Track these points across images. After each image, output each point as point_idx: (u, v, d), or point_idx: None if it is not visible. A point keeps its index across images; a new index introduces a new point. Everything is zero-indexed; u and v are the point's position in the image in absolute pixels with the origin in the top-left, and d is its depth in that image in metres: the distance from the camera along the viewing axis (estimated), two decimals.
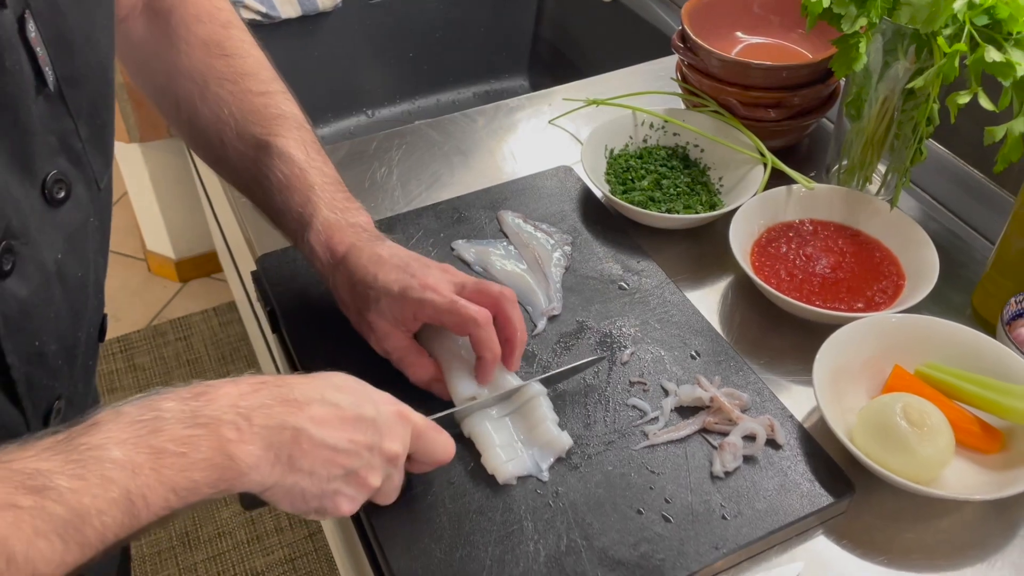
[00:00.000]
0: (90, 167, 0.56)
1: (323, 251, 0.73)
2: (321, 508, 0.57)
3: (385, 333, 0.72)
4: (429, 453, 0.64)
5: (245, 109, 0.74)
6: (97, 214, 0.57)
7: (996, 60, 0.72)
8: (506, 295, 0.72)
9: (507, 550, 0.66)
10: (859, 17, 0.79)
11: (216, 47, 0.75)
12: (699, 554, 0.65)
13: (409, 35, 1.46)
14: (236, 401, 0.52)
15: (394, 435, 0.60)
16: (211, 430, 0.50)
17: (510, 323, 0.72)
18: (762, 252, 0.88)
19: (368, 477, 0.58)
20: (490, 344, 0.71)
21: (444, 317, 0.70)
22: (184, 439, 0.48)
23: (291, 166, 0.73)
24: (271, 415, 0.53)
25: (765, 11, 1.05)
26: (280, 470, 0.53)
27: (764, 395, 0.76)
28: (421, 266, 0.72)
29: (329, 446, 0.55)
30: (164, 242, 2.27)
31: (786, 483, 0.70)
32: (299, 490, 0.55)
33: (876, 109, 0.86)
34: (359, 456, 0.57)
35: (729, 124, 0.98)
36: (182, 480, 0.48)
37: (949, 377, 0.75)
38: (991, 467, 0.71)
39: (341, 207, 0.75)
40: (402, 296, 0.70)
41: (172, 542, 1.81)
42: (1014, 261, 0.81)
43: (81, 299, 0.57)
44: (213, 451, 0.49)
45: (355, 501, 0.59)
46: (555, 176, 0.99)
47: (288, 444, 0.53)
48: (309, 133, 0.77)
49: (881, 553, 0.69)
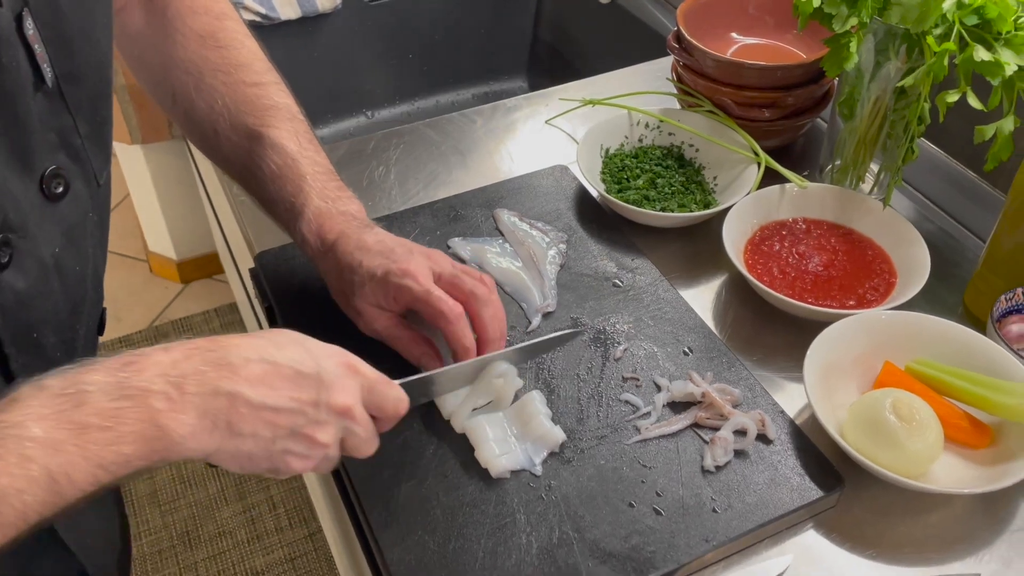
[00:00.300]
0: (89, 163, 0.57)
1: (314, 239, 0.73)
2: (272, 468, 0.56)
3: (372, 316, 0.73)
4: (380, 407, 0.62)
5: (238, 100, 0.75)
6: (96, 209, 0.58)
7: (984, 59, 0.73)
8: (478, 294, 0.72)
9: (500, 542, 0.66)
10: (850, 17, 0.79)
11: (211, 39, 0.76)
12: (689, 546, 0.66)
13: (409, 36, 1.47)
14: (166, 370, 0.50)
15: (341, 388, 0.58)
16: (139, 401, 0.48)
17: (479, 321, 0.72)
18: (755, 250, 0.89)
19: (316, 434, 0.56)
20: (460, 339, 0.71)
21: (419, 305, 0.71)
22: (110, 412, 0.47)
23: (283, 156, 0.74)
24: (204, 381, 0.51)
25: (760, 12, 1.06)
26: (219, 436, 0.52)
27: (756, 391, 0.77)
28: (405, 252, 0.72)
29: (269, 407, 0.53)
30: (166, 243, 2.29)
31: (776, 477, 0.71)
32: (244, 453, 0.53)
33: (868, 109, 0.87)
34: (303, 413, 0.55)
35: (723, 124, 0.99)
36: (110, 454, 0.47)
37: (939, 373, 0.75)
38: (980, 462, 0.72)
39: (332, 196, 0.75)
40: (384, 280, 0.71)
41: (173, 541, 1.82)
42: (1004, 259, 0.82)
43: (79, 292, 0.58)
44: (142, 423, 0.48)
45: (307, 459, 0.57)
46: (551, 175, 1.00)
47: (225, 410, 0.52)
48: (302, 124, 0.78)
49: (870, 547, 0.69)
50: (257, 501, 1.89)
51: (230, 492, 1.91)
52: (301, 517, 1.86)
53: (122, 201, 2.57)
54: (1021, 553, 0.69)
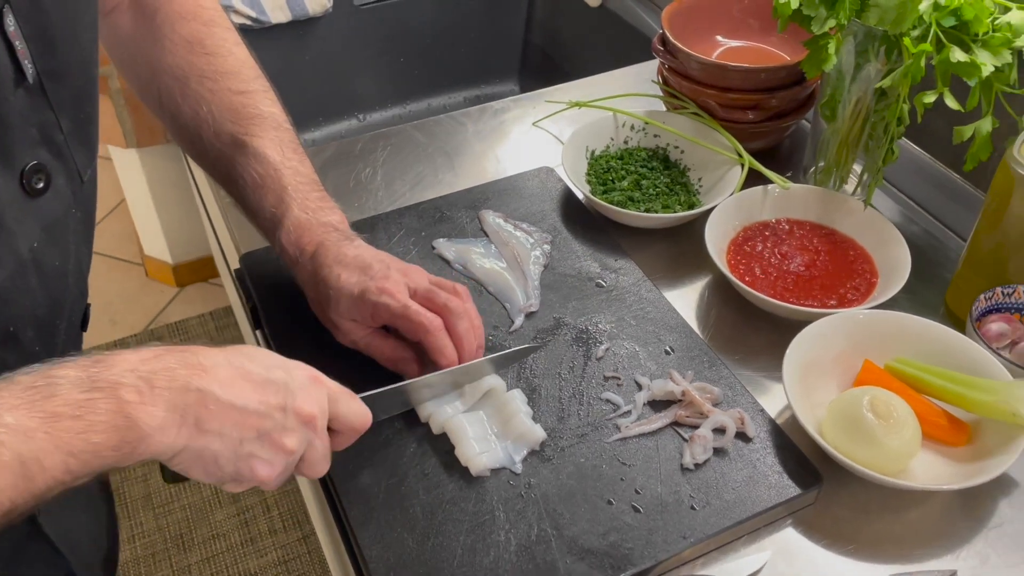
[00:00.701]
0: (72, 160, 0.57)
1: (293, 250, 0.74)
2: (237, 473, 0.56)
3: (348, 329, 0.74)
4: (345, 419, 0.62)
5: (223, 107, 0.76)
6: (80, 206, 0.59)
7: (961, 60, 0.74)
8: (451, 307, 0.72)
9: (478, 539, 0.67)
10: (828, 18, 0.80)
11: (198, 45, 0.77)
12: (667, 543, 0.66)
13: (400, 40, 1.47)
14: (136, 366, 0.51)
15: (308, 397, 0.58)
16: (109, 393, 0.49)
17: (454, 333, 0.72)
18: (738, 251, 0.89)
19: (283, 439, 0.57)
20: (441, 349, 0.71)
21: (397, 321, 0.71)
22: (80, 403, 0.48)
23: (266, 166, 0.75)
24: (174, 377, 0.52)
25: (744, 15, 1.07)
26: (187, 432, 0.52)
27: (736, 390, 0.77)
28: (382, 268, 0.73)
29: (238, 407, 0.54)
30: (161, 247, 2.29)
31: (755, 475, 0.71)
32: (211, 453, 0.54)
33: (850, 110, 0.87)
34: (271, 417, 0.56)
35: (708, 126, 0.99)
36: (80, 443, 0.48)
37: (917, 371, 0.76)
38: (958, 459, 0.72)
39: (314, 207, 0.76)
40: (360, 298, 0.71)
41: (166, 544, 1.83)
42: (984, 258, 0.83)
43: (60, 288, 0.58)
44: (112, 414, 0.49)
45: (272, 465, 0.57)
46: (536, 177, 1.00)
47: (194, 406, 0.52)
48: (287, 133, 0.79)
49: (849, 543, 0.70)
50: (251, 504, 1.89)
51: (224, 495, 1.91)
52: (295, 520, 1.86)
53: (118, 205, 2.58)
54: (998, 550, 0.69)
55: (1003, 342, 0.79)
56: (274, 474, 0.58)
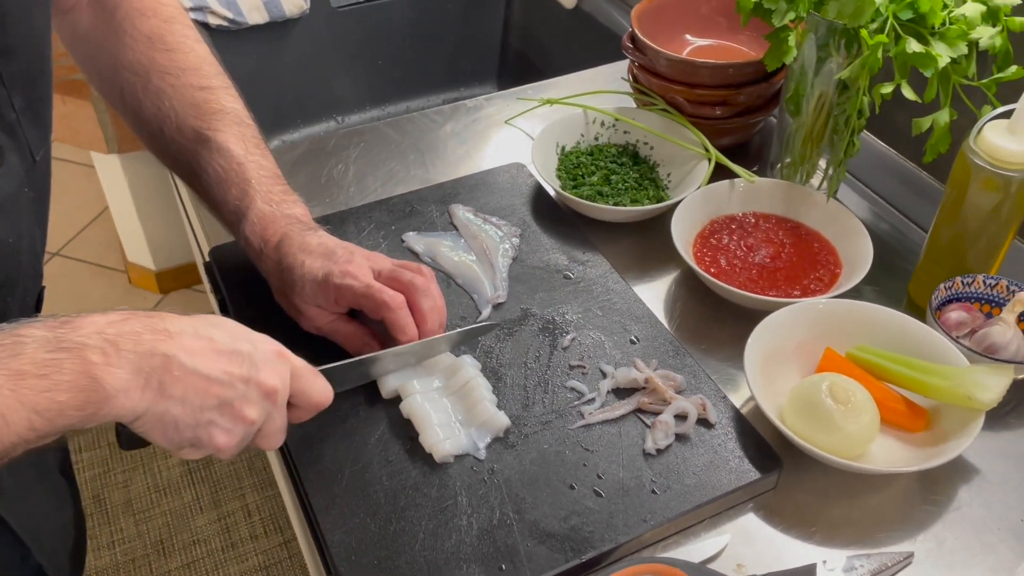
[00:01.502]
0: (24, 138, 0.58)
1: (256, 241, 0.75)
2: (196, 440, 0.57)
3: (312, 315, 0.75)
4: (306, 395, 0.63)
5: (185, 103, 0.77)
6: (33, 186, 0.59)
7: (916, 51, 0.75)
8: (416, 284, 0.73)
9: (440, 524, 0.67)
10: (788, 11, 0.81)
11: (159, 41, 0.78)
12: (627, 526, 0.67)
13: (378, 42, 1.49)
14: (103, 328, 0.52)
15: (272, 370, 0.59)
16: (75, 354, 0.50)
17: (418, 311, 0.73)
18: (704, 243, 0.90)
19: (244, 409, 0.58)
20: (403, 327, 0.72)
21: (361, 301, 0.72)
22: (46, 362, 0.49)
23: (229, 160, 0.76)
24: (140, 341, 0.53)
25: (713, 13, 1.08)
26: (150, 396, 0.53)
27: (700, 378, 0.78)
28: (345, 253, 0.74)
29: (202, 374, 0.55)
30: (144, 253, 2.29)
31: (716, 460, 0.72)
32: (171, 418, 0.54)
33: (813, 104, 0.89)
34: (233, 387, 0.57)
35: (676, 122, 1.01)
36: (44, 401, 0.48)
37: (877, 359, 0.77)
38: (917, 444, 0.73)
39: (277, 200, 0.77)
40: (324, 282, 0.72)
41: (147, 550, 1.82)
42: (944, 249, 0.84)
43: (11, 266, 0.59)
44: (77, 374, 0.49)
45: (231, 434, 0.58)
46: (507, 172, 1.01)
47: (158, 370, 0.53)
48: (250, 128, 0.80)
49: (809, 527, 0.70)
50: (232, 509, 1.89)
51: (205, 501, 1.90)
52: (276, 525, 1.86)
53: (101, 213, 2.58)
54: (955, 533, 0.70)
55: (962, 330, 0.80)
56: (232, 443, 0.59)
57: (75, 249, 2.51)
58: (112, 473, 1.95)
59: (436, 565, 0.65)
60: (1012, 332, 0.78)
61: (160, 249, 2.28)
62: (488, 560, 0.65)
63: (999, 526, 0.70)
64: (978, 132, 0.78)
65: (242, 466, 1.95)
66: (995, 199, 0.78)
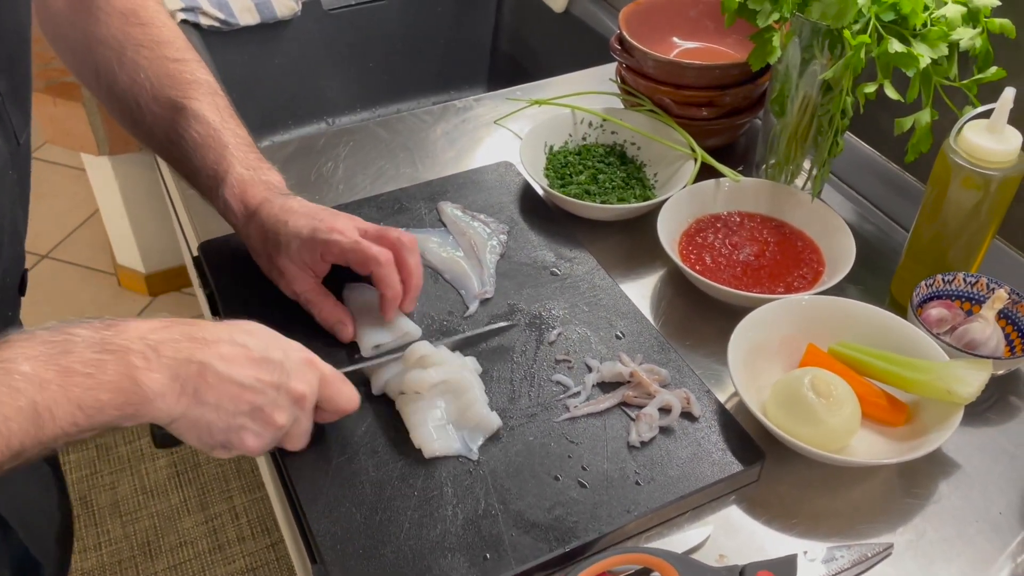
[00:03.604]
0: (8, 121, 0.59)
1: (237, 204, 0.77)
2: (227, 442, 0.60)
3: (294, 276, 0.77)
4: (335, 401, 0.67)
5: (161, 74, 0.78)
6: (16, 168, 0.60)
7: (898, 51, 0.76)
8: (403, 241, 0.77)
9: (426, 514, 0.68)
10: (772, 12, 0.83)
11: (132, 16, 0.79)
12: (611, 517, 0.68)
13: (369, 45, 1.49)
14: (145, 334, 0.55)
15: (301, 377, 0.62)
16: (119, 357, 0.53)
17: (405, 267, 0.76)
18: (690, 241, 0.91)
19: (274, 415, 0.61)
20: (390, 282, 0.75)
21: (348, 256, 0.74)
22: (92, 361, 0.51)
23: (206, 127, 0.78)
24: (179, 349, 0.56)
25: (700, 16, 1.10)
26: (186, 401, 0.56)
27: (684, 372, 0.79)
28: (329, 214, 0.77)
29: (235, 382, 0.58)
30: (134, 256, 2.29)
31: (699, 452, 0.72)
32: (205, 423, 0.57)
33: (797, 105, 0.90)
34: (265, 393, 0.60)
35: (663, 122, 1.02)
36: (88, 399, 0.51)
37: (859, 354, 0.78)
38: (897, 438, 0.74)
39: (254, 165, 0.79)
40: (311, 237, 0.74)
41: (133, 551, 1.81)
42: (925, 248, 0.85)
43: None
44: (120, 375, 0.52)
45: (261, 438, 0.61)
46: (496, 171, 1.02)
47: (194, 377, 0.56)
48: (223, 99, 0.82)
49: (790, 519, 0.71)
50: (220, 511, 1.88)
51: (192, 503, 1.90)
52: (264, 527, 1.86)
53: (91, 216, 2.58)
54: (934, 525, 0.71)
55: (943, 327, 0.81)
56: (261, 445, 0.62)
57: (64, 252, 2.51)
58: (99, 475, 1.94)
59: (421, 554, 0.65)
60: (992, 329, 0.79)
61: (150, 252, 2.28)
62: (473, 549, 0.65)
63: (978, 519, 0.71)
64: (958, 132, 0.79)
65: (230, 468, 1.95)
66: (975, 198, 0.79)
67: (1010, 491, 0.73)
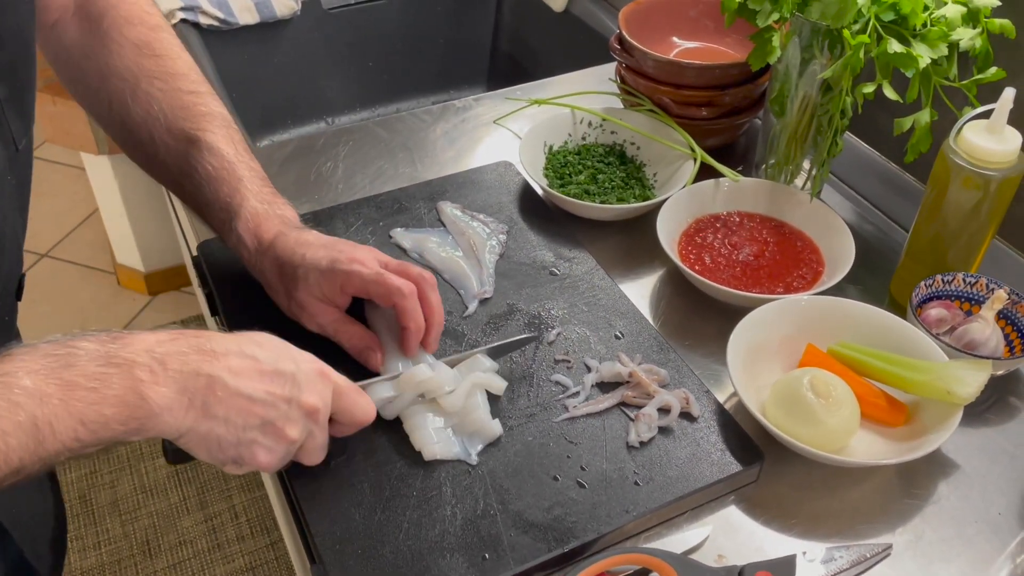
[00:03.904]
0: (7, 126, 0.58)
1: (251, 239, 0.75)
2: (238, 457, 0.58)
3: (316, 310, 0.75)
4: (349, 413, 0.65)
5: (175, 106, 0.77)
6: (15, 173, 0.60)
7: (898, 51, 0.76)
8: (426, 278, 0.75)
9: (425, 514, 0.68)
10: (773, 12, 0.83)
11: (147, 48, 0.78)
12: (610, 517, 0.68)
13: (368, 45, 1.49)
14: (152, 347, 0.54)
15: (313, 390, 0.61)
16: (124, 370, 0.51)
17: (428, 304, 0.74)
18: (689, 241, 0.91)
19: (286, 429, 0.59)
20: (414, 315, 0.73)
21: (371, 288, 0.73)
22: (96, 375, 0.50)
23: (220, 160, 0.76)
24: (186, 362, 0.54)
25: (700, 16, 1.09)
26: (194, 415, 0.55)
27: (683, 372, 0.79)
28: (348, 245, 0.75)
29: (245, 395, 0.56)
30: (133, 255, 2.29)
31: (698, 452, 0.72)
32: (215, 437, 0.56)
33: (797, 105, 0.90)
34: (276, 407, 0.58)
35: (663, 122, 1.02)
36: (91, 413, 0.50)
37: (858, 354, 0.78)
38: (897, 439, 0.74)
39: (269, 200, 0.78)
40: (331, 269, 0.72)
41: (133, 550, 1.81)
42: (925, 248, 0.85)
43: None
44: (125, 389, 0.51)
45: (273, 452, 0.60)
46: (495, 170, 1.02)
47: (202, 391, 0.55)
48: (236, 132, 0.81)
49: (789, 519, 0.71)
50: (219, 510, 1.88)
51: (192, 502, 1.90)
52: (263, 526, 1.86)
53: (91, 215, 2.58)
54: (933, 526, 0.71)
55: (942, 327, 0.81)
56: (273, 460, 0.60)
57: (64, 251, 2.51)
58: (98, 474, 1.94)
59: (420, 554, 0.65)
60: (991, 329, 0.79)
61: (149, 251, 2.28)
62: (471, 549, 0.65)
63: (977, 519, 0.71)
64: (958, 132, 0.79)
65: None
66: (975, 198, 0.79)
67: (1009, 492, 0.73)
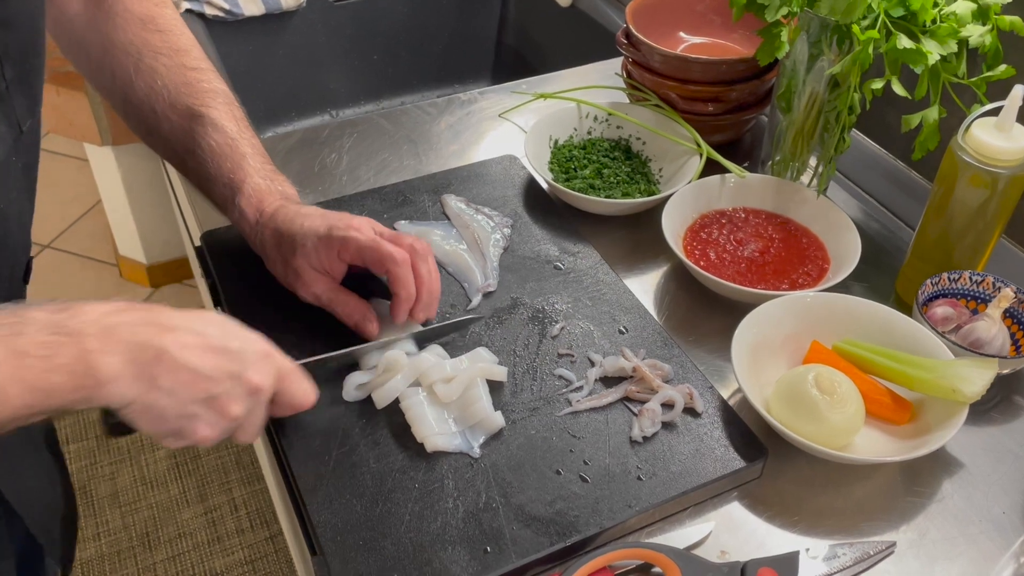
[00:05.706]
0: (13, 108, 0.58)
1: (252, 212, 0.76)
2: (180, 430, 0.58)
3: (311, 278, 0.76)
4: (290, 394, 0.65)
5: (178, 81, 0.78)
6: (21, 156, 0.60)
7: (907, 47, 0.76)
8: (417, 248, 0.76)
9: (426, 506, 0.67)
10: (782, 6, 0.82)
11: (151, 22, 0.79)
12: (612, 511, 0.67)
13: (373, 37, 1.49)
14: (101, 318, 0.54)
15: (259, 369, 0.61)
16: (74, 339, 0.52)
17: (418, 274, 0.75)
18: (694, 237, 0.91)
19: (229, 405, 0.59)
20: (405, 283, 0.74)
21: (365, 253, 0.74)
22: (46, 344, 0.51)
23: (223, 136, 0.77)
24: (135, 332, 0.55)
25: (707, 11, 1.09)
26: (141, 386, 0.55)
27: (687, 368, 0.78)
28: (344, 214, 0.76)
29: (191, 369, 0.56)
30: (136, 247, 2.29)
31: (701, 448, 0.72)
32: (158, 409, 0.56)
33: (804, 101, 0.89)
34: (221, 383, 0.58)
35: (669, 117, 1.01)
36: (41, 381, 0.50)
37: (863, 352, 0.77)
38: (901, 436, 0.74)
39: (271, 176, 0.79)
40: (328, 235, 0.74)
41: (132, 542, 1.81)
42: (931, 246, 0.84)
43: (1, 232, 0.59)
44: (73, 359, 0.51)
45: (214, 428, 0.60)
46: (500, 164, 1.01)
47: (150, 362, 0.55)
48: (238, 109, 0.81)
49: (792, 516, 0.71)
50: (219, 503, 1.88)
51: (191, 494, 1.90)
52: (263, 519, 1.86)
53: (94, 206, 2.58)
54: (937, 524, 0.70)
55: (948, 326, 0.80)
56: (213, 435, 0.60)
57: (66, 242, 2.51)
58: (99, 465, 1.94)
59: (421, 546, 0.65)
60: (997, 328, 0.78)
61: (152, 243, 2.28)
62: (473, 542, 0.65)
63: (981, 518, 0.71)
64: (966, 129, 0.78)
65: (229, 460, 1.95)
66: (982, 196, 0.79)
67: (1013, 491, 0.73)
